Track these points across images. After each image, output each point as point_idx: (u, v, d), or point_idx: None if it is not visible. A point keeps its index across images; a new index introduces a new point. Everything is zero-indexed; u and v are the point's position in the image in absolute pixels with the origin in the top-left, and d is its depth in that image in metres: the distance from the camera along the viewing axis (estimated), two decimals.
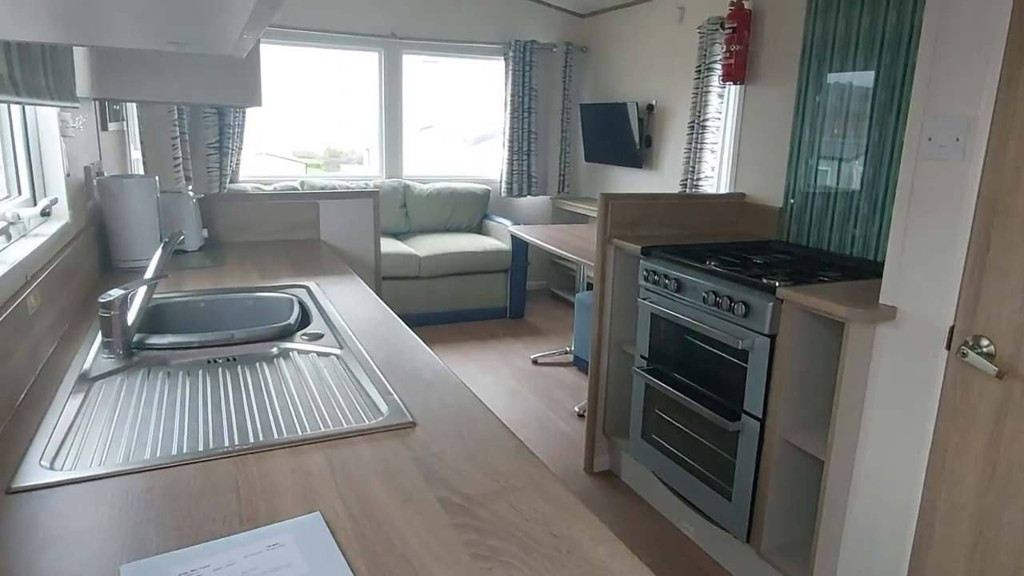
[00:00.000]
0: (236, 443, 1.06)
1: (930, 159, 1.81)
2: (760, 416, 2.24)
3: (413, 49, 5.52)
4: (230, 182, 4.96)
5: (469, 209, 5.70)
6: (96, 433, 1.09)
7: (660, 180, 5.03)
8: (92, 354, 1.41)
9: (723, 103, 4.30)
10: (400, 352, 1.45)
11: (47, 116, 1.78)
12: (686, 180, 4.55)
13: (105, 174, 2.33)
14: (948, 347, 1.78)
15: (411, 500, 0.89)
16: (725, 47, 3.17)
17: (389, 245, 5.09)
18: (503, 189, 5.90)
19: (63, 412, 1.14)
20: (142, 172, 3.16)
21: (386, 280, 4.92)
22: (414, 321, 5.12)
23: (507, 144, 5.79)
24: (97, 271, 2.09)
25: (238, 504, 0.88)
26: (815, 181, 2.85)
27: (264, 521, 0.84)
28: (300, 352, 1.47)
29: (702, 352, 2.48)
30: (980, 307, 1.71)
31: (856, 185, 2.68)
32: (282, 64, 5.26)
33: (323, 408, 1.19)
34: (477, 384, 4.10)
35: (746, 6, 3.11)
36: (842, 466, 2.05)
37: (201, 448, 1.05)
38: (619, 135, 5.20)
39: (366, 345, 1.48)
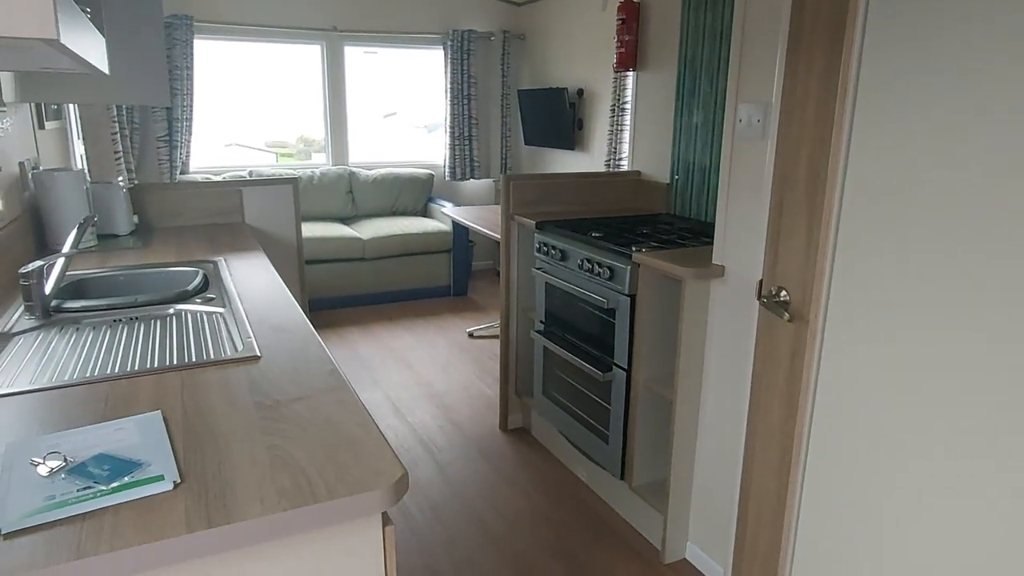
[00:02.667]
0: (116, 372, 1.36)
1: (742, 139, 2.13)
2: (626, 367, 2.57)
3: (354, 41, 5.78)
4: (181, 173, 5.22)
5: (413, 193, 5.98)
6: (9, 370, 1.39)
7: (590, 161, 5.34)
8: (16, 316, 1.70)
9: None
10: (273, 310, 1.75)
11: None
12: (609, 160, 4.87)
13: (41, 168, 2.60)
14: (758, 298, 2.11)
15: (233, 403, 1.20)
16: (617, 37, 3.48)
17: (335, 229, 5.38)
18: (447, 173, 6.19)
19: None
20: (85, 166, 3.42)
21: (332, 263, 5.21)
22: (360, 301, 5.42)
23: (449, 130, 6.08)
24: (33, 252, 2.37)
25: (105, 409, 1.18)
26: (694, 159, 3.18)
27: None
28: (191, 312, 1.77)
29: (582, 313, 2.80)
30: (779, 263, 2.03)
31: None
32: (240, 59, 5.50)
33: (193, 349, 1.50)
34: (412, 356, 4.41)
35: None
36: (689, 407, 2.39)
37: (88, 376, 1.35)
38: (556, 119, 5.50)
39: (247, 306, 1.79)
